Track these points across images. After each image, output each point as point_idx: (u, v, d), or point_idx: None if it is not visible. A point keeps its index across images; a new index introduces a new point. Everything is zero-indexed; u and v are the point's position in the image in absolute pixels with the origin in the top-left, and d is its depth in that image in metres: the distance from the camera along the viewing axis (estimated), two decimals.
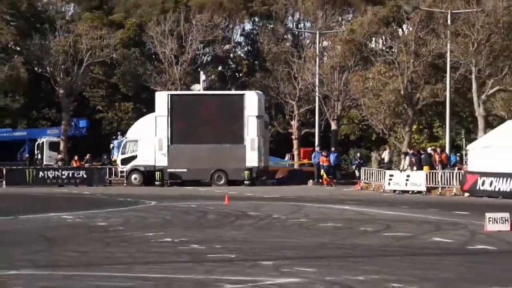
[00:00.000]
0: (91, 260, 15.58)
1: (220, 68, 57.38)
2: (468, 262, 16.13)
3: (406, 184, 38.76)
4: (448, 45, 40.88)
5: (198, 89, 47.84)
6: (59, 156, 48.40)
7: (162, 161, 43.91)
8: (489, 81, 41.29)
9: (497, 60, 40.80)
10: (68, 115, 52.76)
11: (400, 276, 13.91)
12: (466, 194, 36.34)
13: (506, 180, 34.82)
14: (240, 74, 57.70)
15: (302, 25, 58.83)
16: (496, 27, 40.18)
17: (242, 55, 60.83)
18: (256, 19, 59.48)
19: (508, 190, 34.63)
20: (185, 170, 43.66)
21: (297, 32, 58.28)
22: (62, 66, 51.14)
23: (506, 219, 22.31)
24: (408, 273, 14.19)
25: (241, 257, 16.67)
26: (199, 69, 52.45)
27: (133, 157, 44.63)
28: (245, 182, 43.08)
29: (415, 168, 38.90)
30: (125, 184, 44.16)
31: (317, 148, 45.97)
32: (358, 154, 47.75)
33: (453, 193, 37.14)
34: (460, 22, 40.91)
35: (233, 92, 49.24)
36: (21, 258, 15.61)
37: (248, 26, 60.67)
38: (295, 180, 45.03)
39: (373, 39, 47.83)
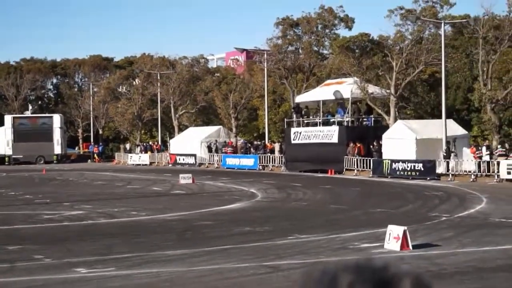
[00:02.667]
0: None
1: (39, 102, 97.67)
2: (171, 199, 33.48)
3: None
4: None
5: (29, 113, 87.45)
6: None
7: (8, 151, 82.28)
8: None
9: None
10: None
11: (136, 207, 37.71)
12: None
13: None
14: (51, 105, 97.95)
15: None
16: None
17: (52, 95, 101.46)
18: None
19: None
20: (22, 156, 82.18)
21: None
22: None
23: (190, 177, 42.69)
24: (140, 206, 30.69)
25: (52, 201, 31.03)
26: (28, 103, 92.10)
27: None
28: (54, 161, 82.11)
29: None
30: None
31: (92, 143, 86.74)
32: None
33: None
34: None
35: (47, 115, 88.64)
36: None
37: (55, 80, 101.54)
38: (81, 160, 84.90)
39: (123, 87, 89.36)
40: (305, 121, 57.69)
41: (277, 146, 60.81)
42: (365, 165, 48.99)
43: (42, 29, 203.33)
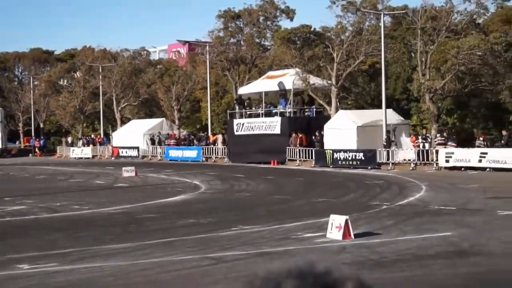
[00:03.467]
0: None
1: None
2: (114, 192, 34.83)
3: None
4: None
5: None
6: None
7: None
8: None
9: None
10: None
11: (78, 201, 42.17)
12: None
13: None
14: None
15: None
16: None
17: None
18: None
19: None
20: None
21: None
22: None
23: (133, 169, 42.90)
24: (83, 199, 31.72)
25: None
26: None
27: None
28: None
29: None
30: None
31: (33, 137, 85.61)
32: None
33: None
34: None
35: None
36: None
37: None
38: (22, 154, 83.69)
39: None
40: (248, 113, 57.88)
41: (220, 138, 60.85)
42: (307, 155, 49.42)
43: None
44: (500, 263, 14.45)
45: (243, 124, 56.36)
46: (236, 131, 56.51)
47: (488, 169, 38.80)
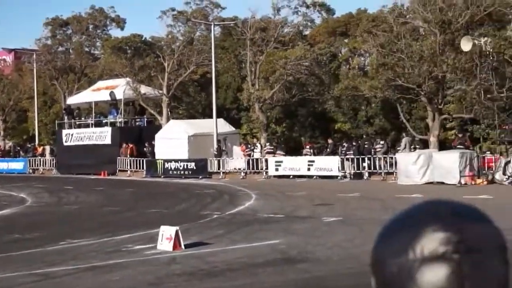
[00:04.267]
0: None
1: None
2: None
3: None
4: None
5: None
6: None
7: None
8: None
9: None
10: None
11: None
12: None
13: None
14: None
15: None
16: None
17: None
18: None
19: None
20: None
21: None
22: None
23: None
24: None
25: None
26: None
27: None
28: None
29: None
30: None
31: None
32: None
33: None
34: None
35: None
36: None
37: None
38: None
39: None
40: (77, 123, 56.68)
41: (47, 149, 59.16)
42: (138, 165, 49.02)
43: None
44: (325, 269, 14.90)
45: (72, 135, 55.15)
46: (65, 141, 55.20)
47: (315, 177, 40.03)
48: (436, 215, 1.32)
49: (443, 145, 40.75)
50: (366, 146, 40.82)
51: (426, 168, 34.33)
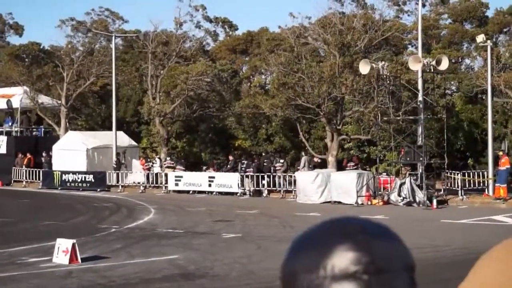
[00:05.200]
0: None
1: None
2: None
3: None
4: None
5: None
6: None
7: None
8: None
9: None
10: None
11: None
12: None
13: None
14: None
15: None
16: None
17: None
18: None
19: None
20: None
21: None
22: None
23: None
24: None
25: None
26: None
27: None
28: None
29: None
30: None
31: None
32: None
33: None
34: None
35: None
36: None
37: None
38: None
39: None
40: None
41: None
42: (34, 176, 47.96)
43: None
44: (224, 285, 15.00)
45: None
46: None
47: (215, 193, 40.14)
48: (346, 233, 1.31)
49: (340, 165, 41.60)
50: (265, 164, 41.21)
51: (324, 187, 34.95)
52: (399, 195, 33.67)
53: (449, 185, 35.91)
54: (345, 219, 1.37)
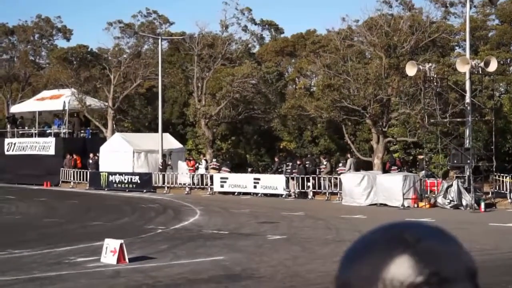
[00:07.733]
0: None
1: None
2: None
3: None
4: None
5: None
6: None
7: None
8: None
9: None
10: None
11: None
12: None
13: None
14: None
15: None
16: None
17: None
18: None
19: None
20: None
21: None
22: None
23: None
24: None
25: None
26: None
27: None
28: None
29: None
30: None
31: None
32: None
33: None
34: None
35: None
36: None
37: None
38: None
39: None
40: (20, 132, 55.89)
41: None
42: (82, 177, 48.54)
43: None
44: (269, 286, 14.99)
45: (14, 144, 54.33)
46: (7, 150, 54.34)
47: (260, 194, 40.18)
48: (405, 240, 1.24)
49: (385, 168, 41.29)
50: (307, 165, 41.06)
51: (370, 190, 34.75)
52: (445, 198, 33.31)
53: (497, 188, 35.40)
54: (401, 224, 1.30)
